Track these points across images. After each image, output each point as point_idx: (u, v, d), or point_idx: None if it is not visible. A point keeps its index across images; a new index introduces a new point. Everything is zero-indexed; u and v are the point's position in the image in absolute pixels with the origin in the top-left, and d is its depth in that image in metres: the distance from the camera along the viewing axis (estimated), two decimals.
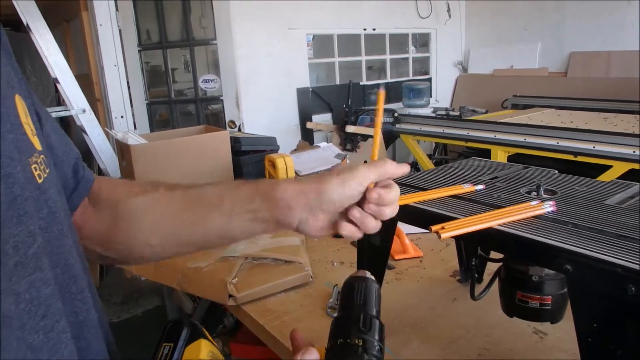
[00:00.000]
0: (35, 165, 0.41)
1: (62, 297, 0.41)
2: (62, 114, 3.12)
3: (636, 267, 0.53)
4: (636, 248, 0.58)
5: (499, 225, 0.67)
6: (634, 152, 2.34)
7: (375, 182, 0.57)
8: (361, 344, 0.44)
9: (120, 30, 3.50)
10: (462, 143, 3.24)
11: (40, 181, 0.42)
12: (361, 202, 0.57)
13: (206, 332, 0.51)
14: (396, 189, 0.58)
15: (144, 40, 3.91)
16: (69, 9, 3.71)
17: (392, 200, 0.57)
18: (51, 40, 2.96)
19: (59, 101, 3.22)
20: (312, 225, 0.58)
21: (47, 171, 0.43)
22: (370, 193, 0.56)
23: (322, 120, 4.54)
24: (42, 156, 0.43)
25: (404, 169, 0.59)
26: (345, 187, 0.56)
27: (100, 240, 0.62)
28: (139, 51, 3.89)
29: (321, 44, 4.64)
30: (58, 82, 3.03)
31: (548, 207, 0.71)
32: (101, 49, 3.36)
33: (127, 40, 3.72)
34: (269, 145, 2.07)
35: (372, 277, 0.54)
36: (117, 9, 3.45)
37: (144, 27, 3.89)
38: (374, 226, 0.57)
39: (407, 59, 5.39)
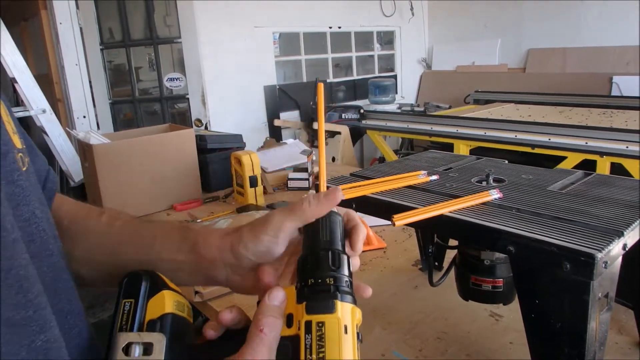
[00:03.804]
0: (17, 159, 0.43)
1: (54, 285, 0.42)
2: (21, 114, 3.04)
3: (570, 245, 0.58)
4: (570, 228, 0.63)
5: (449, 212, 0.71)
6: (586, 143, 2.46)
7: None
8: (332, 282, 0.41)
9: (81, 29, 3.44)
10: (427, 138, 3.32)
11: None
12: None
13: (167, 281, 0.46)
14: (363, 232, 0.49)
15: (107, 38, 3.86)
16: (27, 8, 3.62)
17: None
18: (8, 39, 2.88)
19: (18, 101, 3.13)
20: (240, 284, 0.51)
21: (24, 168, 0.44)
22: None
23: (289, 117, 4.56)
24: (20, 154, 0.43)
25: (330, 202, 0.47)
26: (258, 243, 0.48)
27: None
28: (102, 50, 3.83)
29: (287, 42, 4.66)
30: (16, 82, 2.95)
31: (495, 194, 0.75)
32: (61, 48, 3.29)
33: (89, 38, 3.66)
34: (234, 143, 2.08)
35: (335, 210, 0.48)
36: (77, 7, 3.38)
37: (106, 25, 3.84)
38: None
39: (372, 56, 5.46)
